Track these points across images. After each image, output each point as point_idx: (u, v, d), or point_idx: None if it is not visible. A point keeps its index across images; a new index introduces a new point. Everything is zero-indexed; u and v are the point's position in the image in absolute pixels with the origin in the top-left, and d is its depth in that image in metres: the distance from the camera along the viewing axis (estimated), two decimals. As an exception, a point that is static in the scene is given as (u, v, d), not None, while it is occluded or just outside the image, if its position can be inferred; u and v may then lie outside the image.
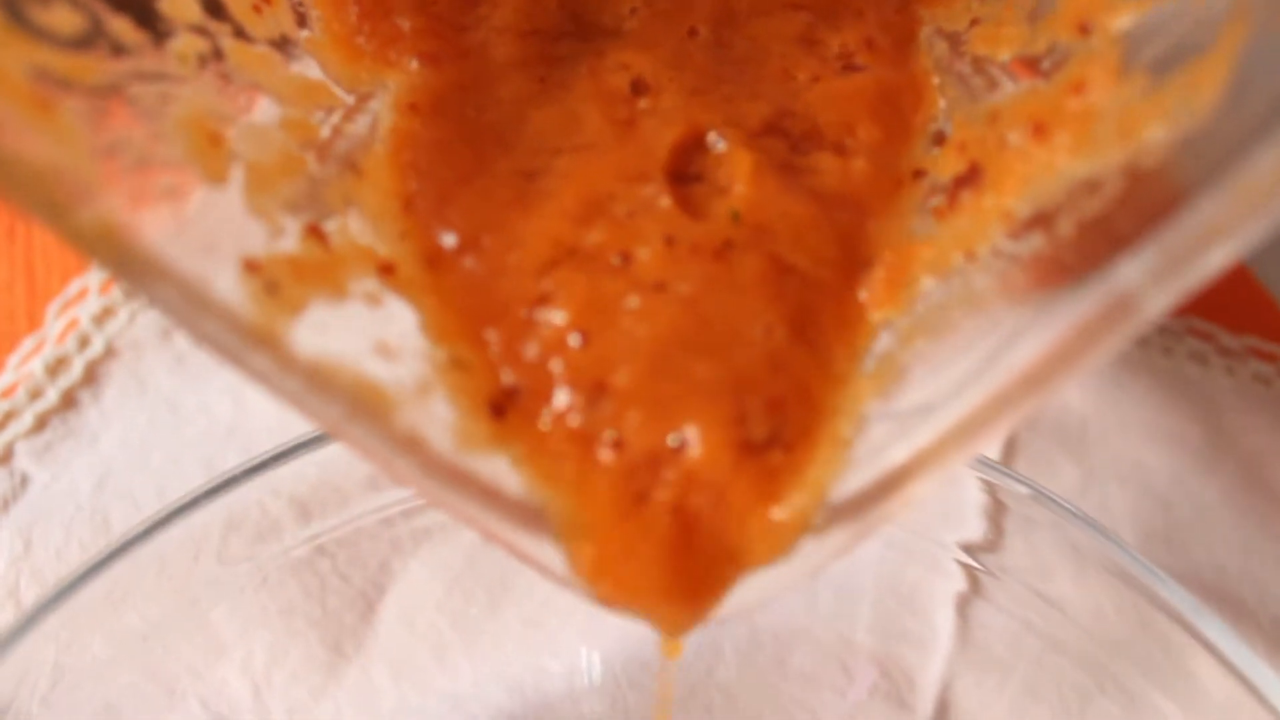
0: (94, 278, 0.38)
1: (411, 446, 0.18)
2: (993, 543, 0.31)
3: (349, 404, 0.17)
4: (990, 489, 0.30)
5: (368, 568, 0.31)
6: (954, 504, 0.31)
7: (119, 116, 0.19)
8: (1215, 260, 0.16)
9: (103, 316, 0.37)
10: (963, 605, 0.32)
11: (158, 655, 0.29)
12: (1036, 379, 0.17)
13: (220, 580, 0.29)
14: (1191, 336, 0.39)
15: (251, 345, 0.17)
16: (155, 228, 0.17)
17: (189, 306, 0.17)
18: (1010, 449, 0.37)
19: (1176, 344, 0.39)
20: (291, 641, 0.31)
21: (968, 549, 0.31)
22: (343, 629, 0.31)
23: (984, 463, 0.29)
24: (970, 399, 0.17)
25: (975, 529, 0.31)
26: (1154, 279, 0.16)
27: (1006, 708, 0.31)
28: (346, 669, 0.31)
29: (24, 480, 0.34)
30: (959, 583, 0.32)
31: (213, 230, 0.18)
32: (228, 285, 0.17)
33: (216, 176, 0.19)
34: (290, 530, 0.29)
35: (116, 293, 0.37)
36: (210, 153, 0.19)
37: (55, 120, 0.17)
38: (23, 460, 0.35)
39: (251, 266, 0.18)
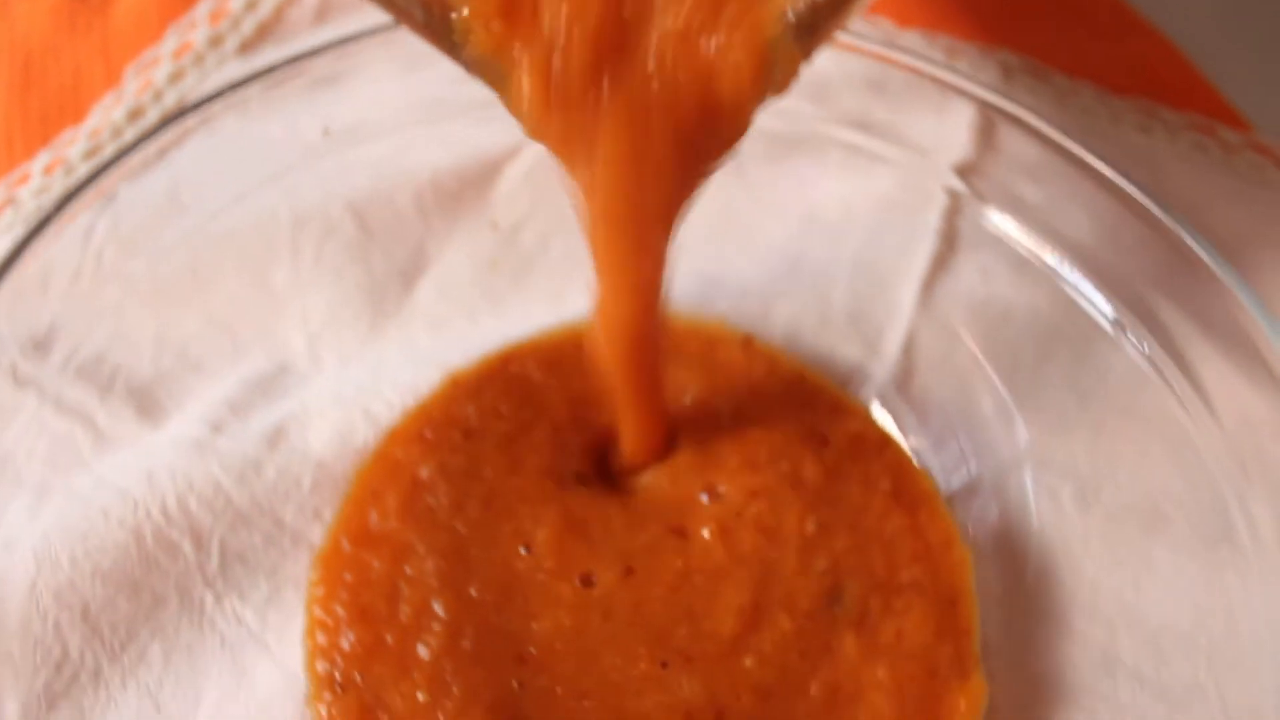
0: (167, 47, 0.43)
1: None
2: (978, 164, 0.36)
3: None
4: (981, 110, 0.34)
5: (407, 244, 0.37)
6: (947, 126, 0.35)
7: None
8: None
9: (175, 77, 0.43)
10: (935, 269, 0.37)
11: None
12: None
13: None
14: (1137, 114, 0.44)
15: None
16: None
17: None
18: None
19: (1124, 116, 0.43)
20: (342, 304, 0.36)
21: (958, 169, 0.36)
22: (386, 295, 0.37)
23: (978, 85, 0.34)
24: None
25: (964, 150, 0.37)
26: None
27: (965, 361, 0.36)
28: (387, 325, 0.36)
29: (111, 196, 0.40)
30: (942, 203, 0.37)
31: None
32: None
33: None
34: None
35: (187, 60, 0.43)
36: None
37: None
38: (109, 179, 0.40)
39: None
